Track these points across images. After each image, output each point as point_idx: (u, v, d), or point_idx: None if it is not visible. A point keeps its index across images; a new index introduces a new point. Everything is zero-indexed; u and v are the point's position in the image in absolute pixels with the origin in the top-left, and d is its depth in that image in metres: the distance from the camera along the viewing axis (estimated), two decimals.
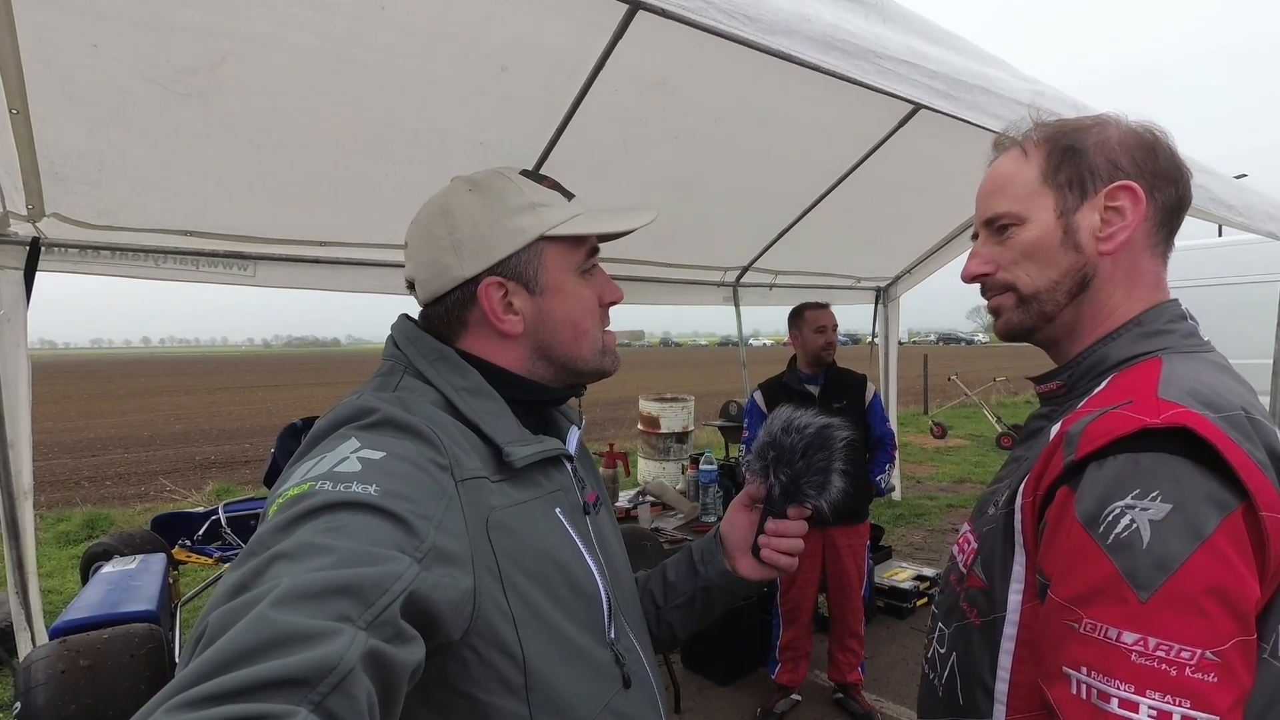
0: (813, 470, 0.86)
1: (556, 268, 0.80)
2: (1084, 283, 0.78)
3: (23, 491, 2.53)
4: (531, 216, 0.78)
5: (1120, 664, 0.58)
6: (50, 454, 10.71)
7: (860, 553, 3.03)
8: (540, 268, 0.79)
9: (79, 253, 2.59)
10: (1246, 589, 0.58)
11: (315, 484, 0.56)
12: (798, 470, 0.86)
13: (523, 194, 0.79)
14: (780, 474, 0.87)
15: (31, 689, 1.31)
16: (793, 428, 0.87)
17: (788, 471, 0.86)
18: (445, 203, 0.80)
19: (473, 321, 0.80)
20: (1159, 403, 0.64)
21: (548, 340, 0.81)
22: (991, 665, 0.73)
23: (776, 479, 0.87)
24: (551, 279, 0.80)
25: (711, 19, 1.03)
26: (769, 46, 1.01)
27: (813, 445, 0.86)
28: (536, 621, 0.68)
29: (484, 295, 0.77)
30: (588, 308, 0.83)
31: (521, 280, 0.79)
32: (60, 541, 5.41)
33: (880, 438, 3.06)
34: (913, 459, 8.94)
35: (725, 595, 0.95)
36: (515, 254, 0.78)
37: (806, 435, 0.86)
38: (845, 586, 3.00)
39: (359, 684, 0.43)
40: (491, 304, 0.78)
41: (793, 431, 0.87)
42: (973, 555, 0.79)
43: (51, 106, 2.03)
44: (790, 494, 0.87)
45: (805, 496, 0.86)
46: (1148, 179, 0.75)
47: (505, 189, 0.80)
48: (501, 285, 0.78)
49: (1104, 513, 0.62)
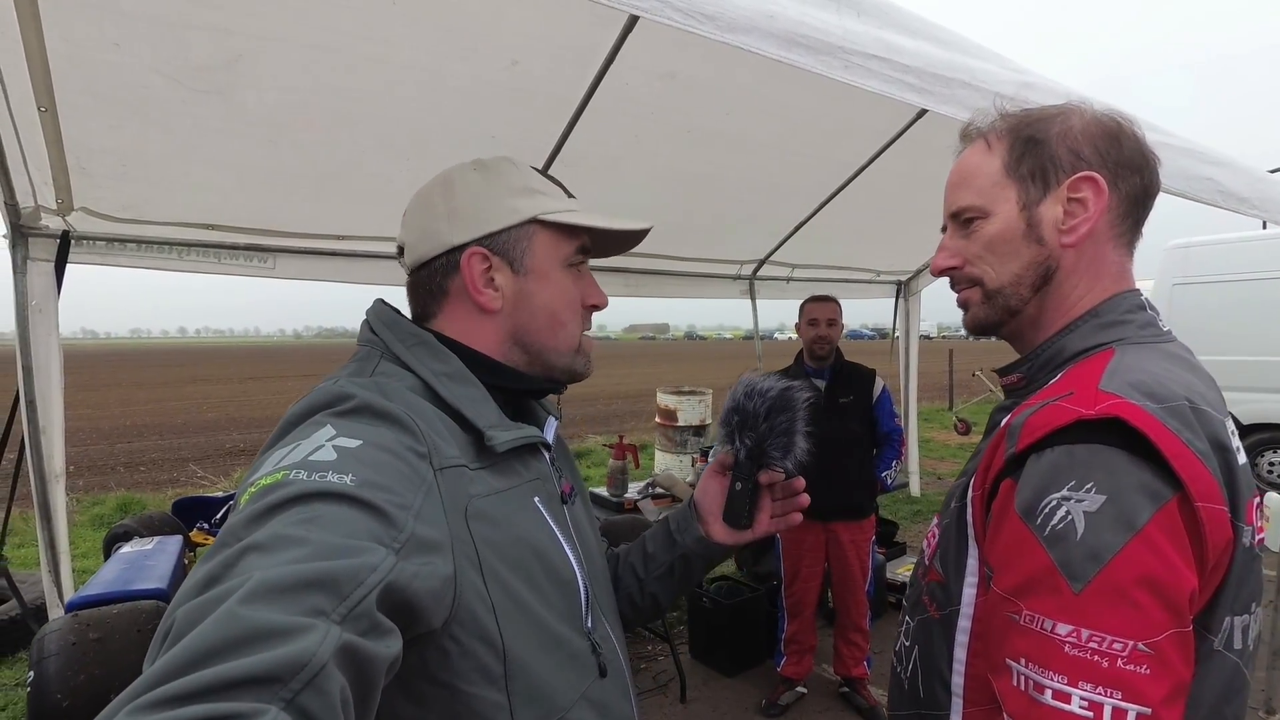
0: (776, 433, 0.87)
1: (544, 253, 0.80)
2: (1047, 275, 0.77)
3: (55, 475, 2.64)
4: (528, 199, 0.80)
5: (1054, 655, 0.58)
6: (88, 440, 11.07)
7: (864, 547, 3.00)
8: (528, 249, 0.80)
9: (106, 245, 2.67)
10: (1180, 580, 0.58)
11: (289, 473, 0.55)
12: (761, 433, 0.87)
13: (524, 179, 0.81)
14: (745, 438, 0.88)
15: (44, 659, 1.39)
16: (755, 392, 0.89)
17: (752, 435, 0.88)
18: (449, 176, 0.82)
19: (453, 291, 0.80)
20: (1097, 394, 0.64)
21: (524, 324, 0.81)
22: (949, 658, 0.73)
23: (741, 443, 0.88)
24: (537, 263, 0.80)
25: (667, 19, 1.03)
26: (730, 44, 1.01)
27: (775, 408, 0.87)
28: (516, 610, 0.67)
29: (466, 264, 0.78)
30: (569, 301, 0.83)
31: (507, 257, 0.79)
32: (95, 524, 5.60)
33: (888, 433, 3.02)
34: (935, 455, 8.82)
35: (702, 561, 0.96)
36: (505, 230, 0.79)
37: (769, 398, 0.88)
38: (848, 581, 2.98)
39: (332, 680, 0.43)
40: (473, 274, 0.78)
41: (755, 396, 0.88)
42: (934, 549, 0.79)
43: (77, 104, 2.10)
44: (756, 457, 0.88)
45: (770, 459, 0.88)
46: (1110, 169, 0.74)
47: (508, 171, 0.82)
48: (486, 258, 0.78)
49: (1041, 504, 0.62)
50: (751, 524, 0.93)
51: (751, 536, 0.93)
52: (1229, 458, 0.64)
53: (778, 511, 0.94)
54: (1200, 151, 1.86)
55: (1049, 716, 0.58)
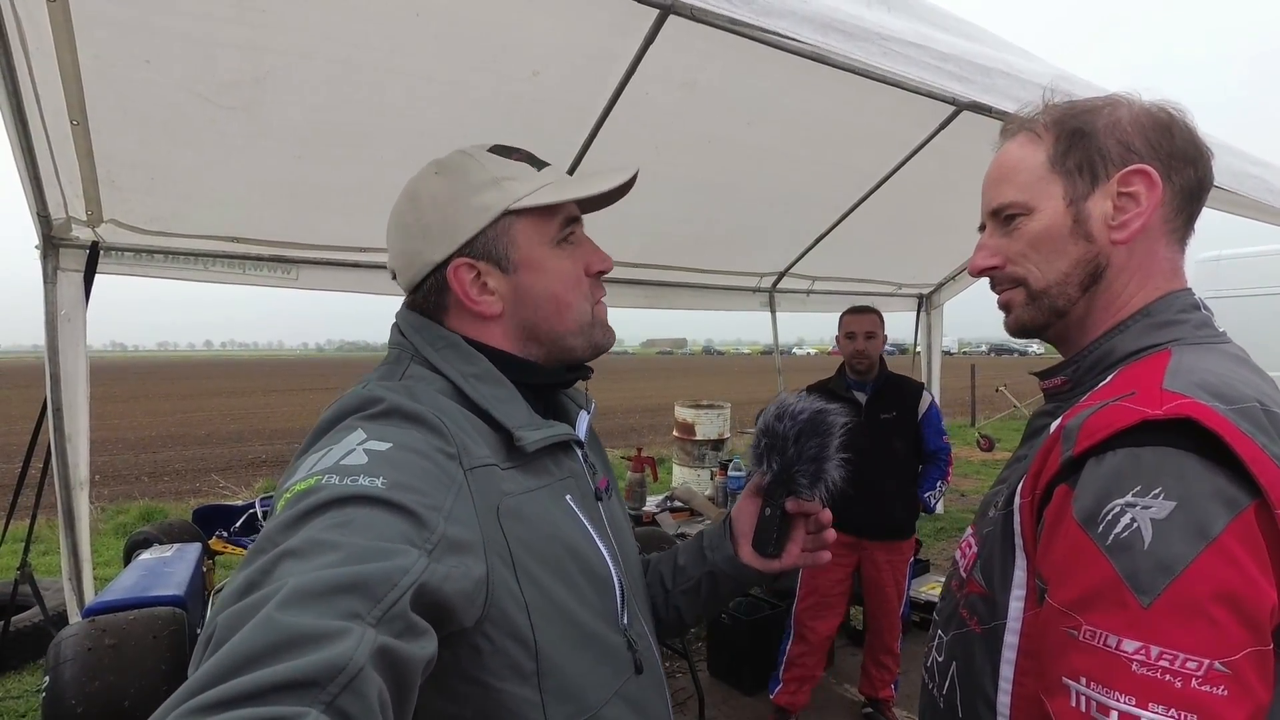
0: (804, 458, 0.82)
1: (528, 243, 0.77)
2: (1096, 274, 0.73)
3: (79, 482, 2.67)
4: (495, 192, 0.76)
5: (1121, 674, 0.54)
6: (114, 450, 11.25)
7: (901, 569, 2.86)
8: (511, 244, 0.77)
9: (134, 256, 2.72)
10: (1259, 594, 0.53)
11: (322, 478, 0.56)
12: (789, 459, 0.82)
13: (485, 170, 0.77)
14: (773, 462, 0.84)
15: (60, 664, 1.39)
16: (786, 414, 0.84)
17: (779, 459, 0.83)
18: (413, 188, 0.80)
19: (451, 306, 0.78)
20: (1163, 394, 0.60)
21: (530, 318, 0.79)
22: (993, 676, 0.69)
23: (769, 467, 0.84)
24: (524, 255, 0.77)
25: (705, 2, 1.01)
26: (765, 28, 0.99)
27: (805, 432, 0.82)
28: (550, 608, 0.67)
29: (453, 278, 0.76)
30: (568, 280, 0.79)
31: (493, 259, 0.76)
32: (118, 533, 5.67)
33: (934, 451, 2.85)
34: (958, 471, 8.67)
35: (731, 583, 0.92)
36: (481, 233, 0.76)
37: (799, 422, 0.83)
38: (883, 603, 2.85)
39: (369, 682, 0.43)
40: (463, 286, 0.76)
41: (786, 418, 0.84)
42: (973, 560, 0.75)
43: (108, 119, 2.14)
44: (784, 483, 0.84)
45: (798, 486, 0.83)
46: (1163, 161, 0.71)
47: (467, 167, 0.78)
48: (472, 266, 0.76)
49: (1103, 511, 0.58)
50: (780, 554, 0.88)
51: (779, 567, 0.89)
52: None
53: (809, 545, 0.90)
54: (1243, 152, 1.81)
55: None
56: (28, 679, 3.20)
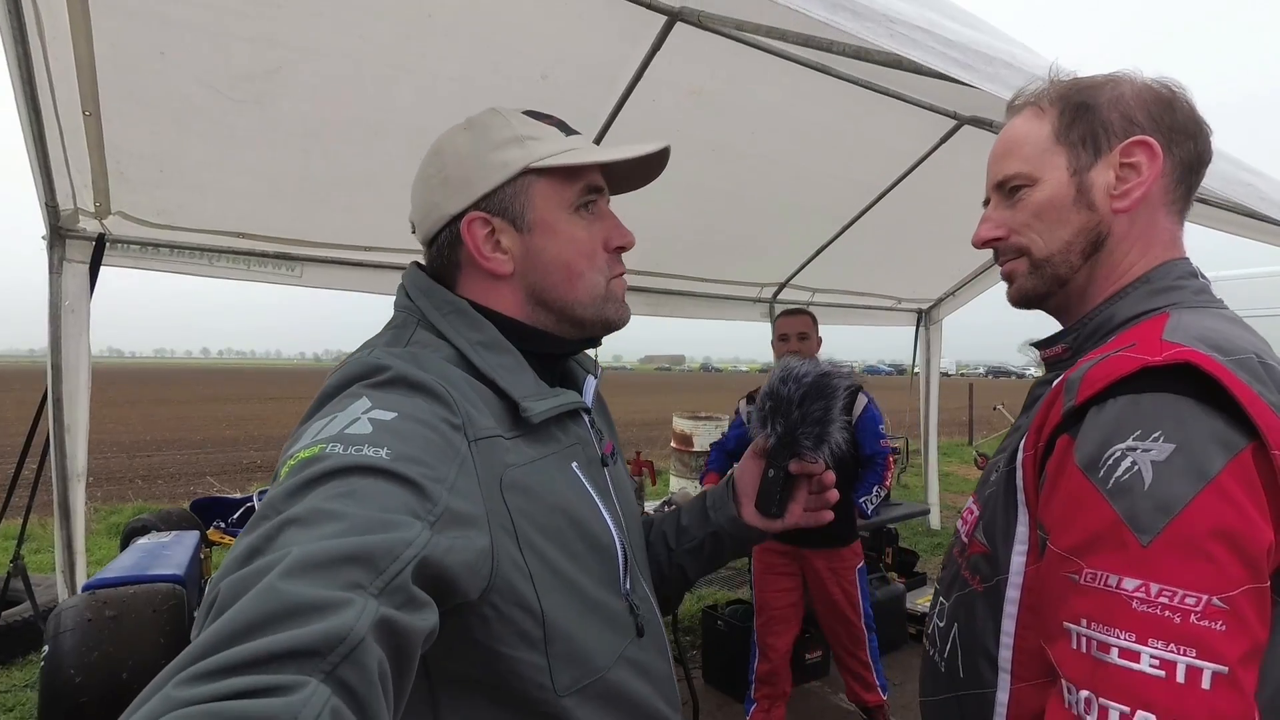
0: (809, 420, 0.84)
1: (545, 204, 0.76)
2: (1098, 242, 0.75)
3: (76, 474, 2.66)
4: (518, 149, 0.75)
5: (1121, 612, 0.55)
6: (109, 452, 11.20)
7: (848, 576, 2.76)
8: (527, 203, 0.76)
9: (139, 249, 2.73)
10: (1257, 533, 0.55)
11: (326, 446, 0.56)
12: (793, 420, 0.84)
13: (511, 128, 0.76)
14: (777, 424, 0.86)
15: (60, 634, 1.38)
16: (791, 377, 0.86)
17: (784, 421, 0.85)
18: (440, 143, 0.81)
19: (464, 262, 0.78)
20: (1163, 344, 0.62)
21: (540, 283, 0.78)
22: (995, 631, 0.70)
23: (773, 429, 0.86)
24: (539, 216, 0.76)
25: None
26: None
27: (810, 394, 0.84)
28: (554, 578, 0.68)
29: (467, 231, 0.75)
30: (583, 248, 0.78)
31: (508, 216, 0.76)
32: (111, 532, 5.63)
33: (870, 456, 2.77)
34: (955, 489, 8.66)
35: (734, 542, 0.94)
36: (499, 188, 0.75)
37: (804, 384, 0.85)
38: (834, 610, 2.76)
39: (370, 653, 0.43)
40: (475, 241, 0.75)
41: (790, 381, 0.86)
42: (974, 523, 0.76)
43: (120, 110, 2.16)
44: (788, 445, 0.86)
45: (802, 448, 0.85)
46: (1165, 134, 0.73)
47: (495, 124, 0.77)
48: (487, 221, 0.75)
49: (1104, 456, 0.59)
50: (782, 514, 0.90)
51: (781, 526, 0.91)
52: None
53: (811, 505, 0.92)
54: (1238, 160, 1.84)
55: (1115, 677, 0.54)
56: (17, 674, 3.16)
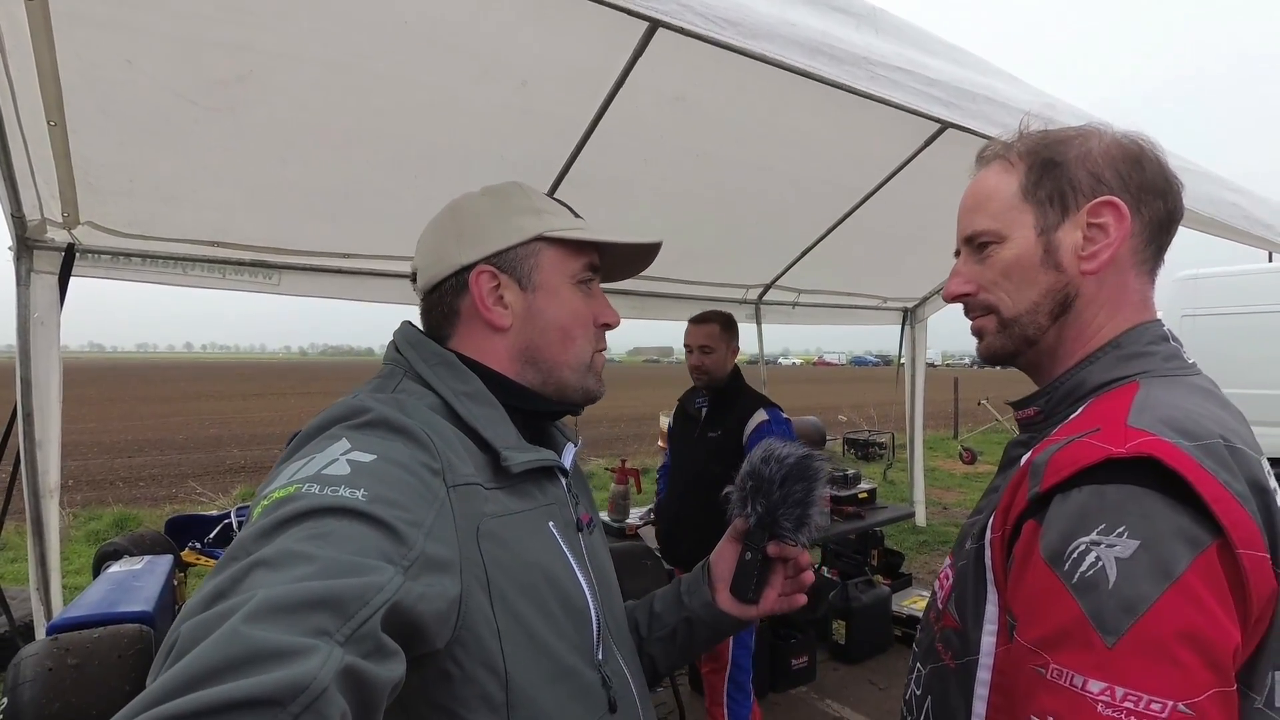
0: (789, 503, 0.83)
1: (551, 270, 0.82)
2: (1066, 304, 0.74)
3: (49, 490, 2.60)
4: (534, 218, 0.82)
5: (1086, 715, 0.54)
6: (89, 454, 11.02)
7: None
8: (535, 266, 0.81)
9: (111, 259, 2.66)
10: (1223, 634, 0.53)
11: (302, 486, 0.55)
12: (774, 502, 0.83)
13: (529, 200, 0.84)
14: (757, 504, 0.84)
15: (19, 685, 1.33)
16: (772, 458, 0.85)
17: (764, 503, 0.84)
18: (458, 202, 0.85)
19: (464, 311, 0.81)
20: (1127, 430, 0.60)
21: (535, 341, 0.82)
22: (966, 711, 0.68)
23: (753, 509, 0.85)
24: (545, 279, 0.81)
25: (689, 23, 1.02)
26: (753, 51, 1.00)
27: (790, 476, 0.84)
28: (523, 636, 0.66)
29: (475, 282, 0.79)
30: (579, 317, 0.83)
31: (515, 274, 0.81)
32: (90, 540, 5.55)
33: None
34: (940, 484, 8.72)
35: (707, 629, 0.92)
36: (512, 248, 0.80)
37: (785, 465, 0.84)
38: None
39: (332, 704, 0.42)
40: (480, 291, 0.80)
41: (771, 462, 0.85)
42: (949, 592, 0.75)
43: (86, 120, 2.10)
44: (767, 526, 0.84)
45: (782, 530, 0.84)
46: (1133, 193, 0.71)
47: (515, 194, 0.84)
48: (494, 276, 0.80)
49: (1068, 549, 0.57)
50: (757, 599, 0.89)
51: (756, 613, 0.90)
52: (1269, 500, 0.60)
53: (786, 590, 0.91)
54: (1222, 179, 1.85)
55: None
56: None
